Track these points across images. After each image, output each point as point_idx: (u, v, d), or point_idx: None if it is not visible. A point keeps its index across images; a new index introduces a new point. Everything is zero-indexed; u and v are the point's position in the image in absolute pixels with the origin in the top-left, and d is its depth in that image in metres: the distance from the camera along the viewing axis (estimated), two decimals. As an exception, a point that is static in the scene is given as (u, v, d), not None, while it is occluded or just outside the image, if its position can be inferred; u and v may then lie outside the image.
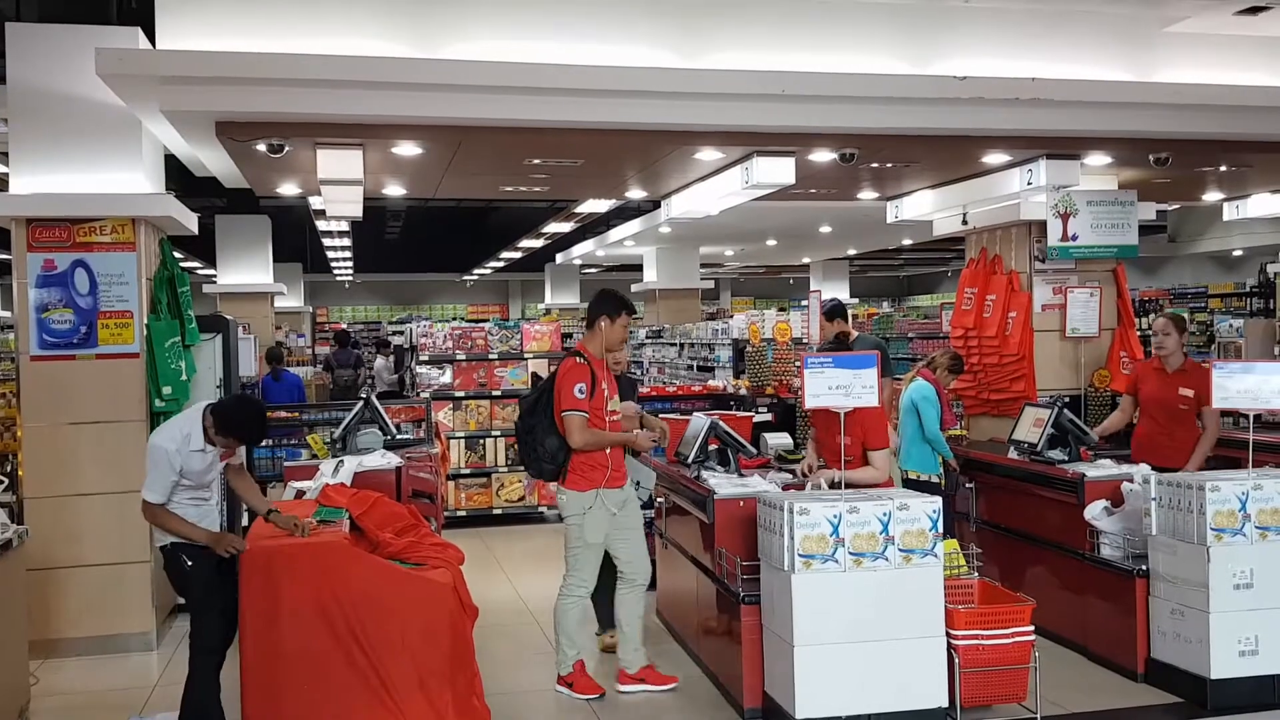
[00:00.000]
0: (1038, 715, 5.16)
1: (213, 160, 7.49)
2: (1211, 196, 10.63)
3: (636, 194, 9.71)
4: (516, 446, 5.97)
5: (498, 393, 10.95)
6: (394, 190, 8.93)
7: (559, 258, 20.82)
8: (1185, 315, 7.71)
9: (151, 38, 6.01)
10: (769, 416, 8.67)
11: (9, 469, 7.61)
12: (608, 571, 6.15)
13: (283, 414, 9.43)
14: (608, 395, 5.74)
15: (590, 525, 5.72)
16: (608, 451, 5.73)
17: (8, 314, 20.06)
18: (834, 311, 8.50)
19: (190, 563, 5.06)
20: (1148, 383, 7.05)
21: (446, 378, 10.94)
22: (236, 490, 5.53)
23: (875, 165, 7.98)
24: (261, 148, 6.32)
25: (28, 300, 6.69)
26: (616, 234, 15.82)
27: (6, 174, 7.21)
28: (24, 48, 6.67)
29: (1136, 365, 7.81)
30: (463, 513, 10.72)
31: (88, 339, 6.74)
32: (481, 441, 10.89)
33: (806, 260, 21.68)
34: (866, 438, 5.70)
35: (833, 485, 5.49)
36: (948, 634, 5.02)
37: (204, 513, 5.16)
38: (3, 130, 7.49)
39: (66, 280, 6.72)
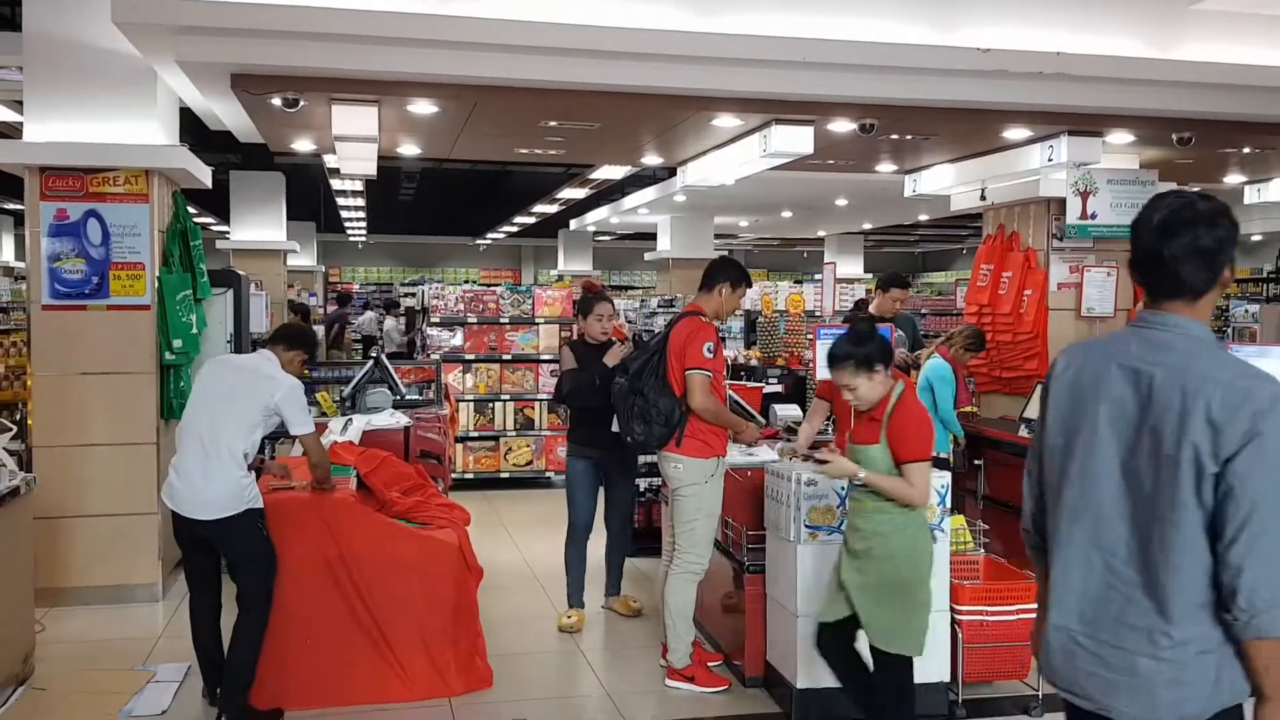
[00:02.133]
0: (1039, 693, 5.15)
1: (228, 114, 7.45)
2: (1233, 179, 10.52)
3: (652, 160, 9.64)
4: (617, 413, 5.65)
5: (508, 356, 10.95)
6: (409, 149, 8.88)
7: (573, 224, 20.73)
8: None
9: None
10: (779, 388, 8.62)
11: (18, 417, 7.63)
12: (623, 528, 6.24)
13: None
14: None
15: (710, 494, 5.39)
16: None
17: (21, 264, 20.09)
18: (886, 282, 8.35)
19: (261, 524, 4.90)
20: None
21: (457, 340, 10.93)
22: None
23: (895, 137, 7.90)
24: (277, 102, 6.28)
25: (40, 249, 6.69)
26: (631, 201, 15.74)
27: (21, 122, 7.18)
28: (40, -6, 6.63)
29: None
30: (470, 475, 10.73)
31: (99, 289, 6.74)
32: (491, 405, 10.89)
33: (821, 233, 21.56)
34: None
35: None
36: (952, 609, 5.02)
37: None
38: (18, 78, 7.45)
39: (79, 230, 6.70)
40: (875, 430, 4.24)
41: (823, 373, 5.33)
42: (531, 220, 22.31)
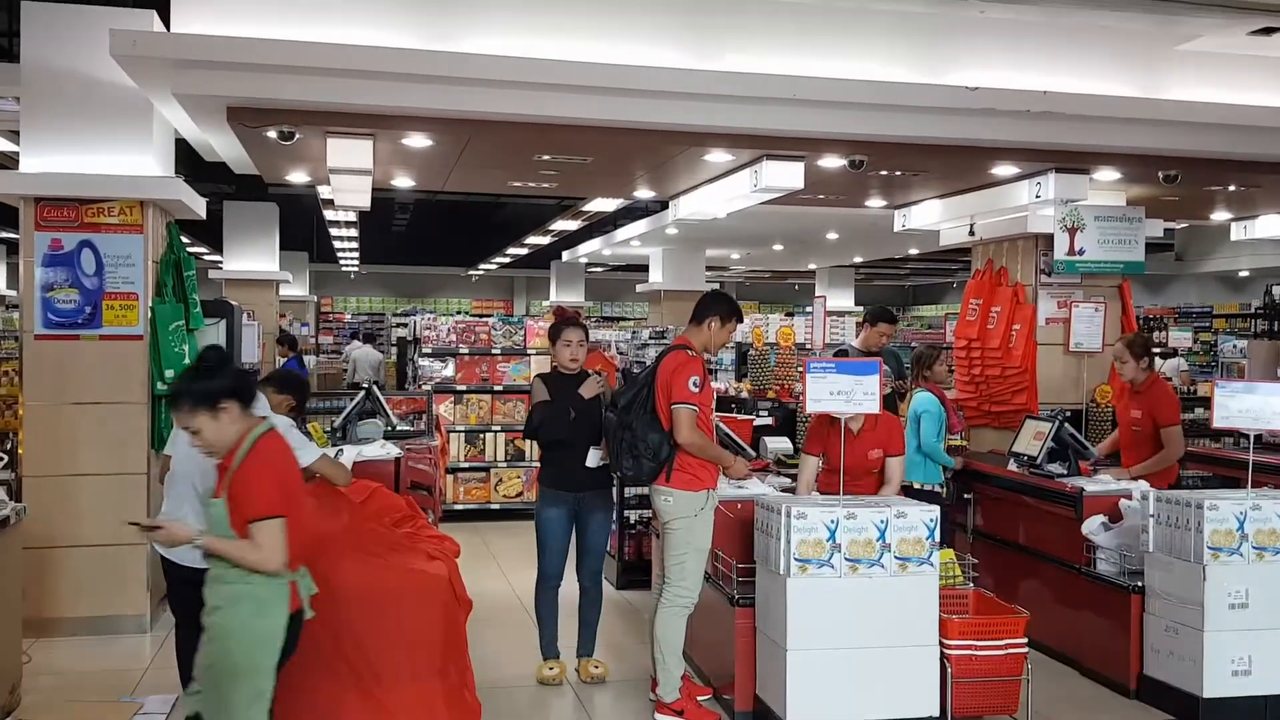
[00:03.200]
0: (1028, 728, 5.16)
1: (223, 146, 7.50)
2: (1220, 216, 10.63)
3: (645, 194, 9.71)
4: (606, 447, 5.71)
5: (499, 388, 10.96)
6: (403, 182, 8.94)
7: (565, 255, 20.81)
8: (1147, 337, 7.68)
9: (166, 21, 6.02)
10: (769, 420, 8.65)
11: (9, 447, 7.61)
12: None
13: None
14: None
15: (701, 528, 5.36)
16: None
17: (13, 293, 20.08)
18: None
19: None
20: (1119, 403, 7.38)
21: (449, 371, 10.95)
22: None
23: (884, 173, 7.98)
24: (272, 135, 6.33)
25: (33, 279, 6.70)
26: (623, 233, 15.82)
27: (17, 153, 7.22)
28: (39, 27, 6.69)
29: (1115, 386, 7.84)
30: (460, 507, 10.72)
31: (92, 319, 6.75)
32: (481, 436, 10.90)
33: (812, 266, 21.66)
34: (890, 443, 5.77)
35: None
36: (941, 643, 5.03)
37: None
38: (14, 109, 7.50)
39: (73, 260, 6.73)
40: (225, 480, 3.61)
41: (812, 405, 5.34)
42: (524, 251, 22.38)
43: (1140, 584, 5.76)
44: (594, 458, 5.87)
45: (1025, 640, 5.16)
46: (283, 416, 5.04)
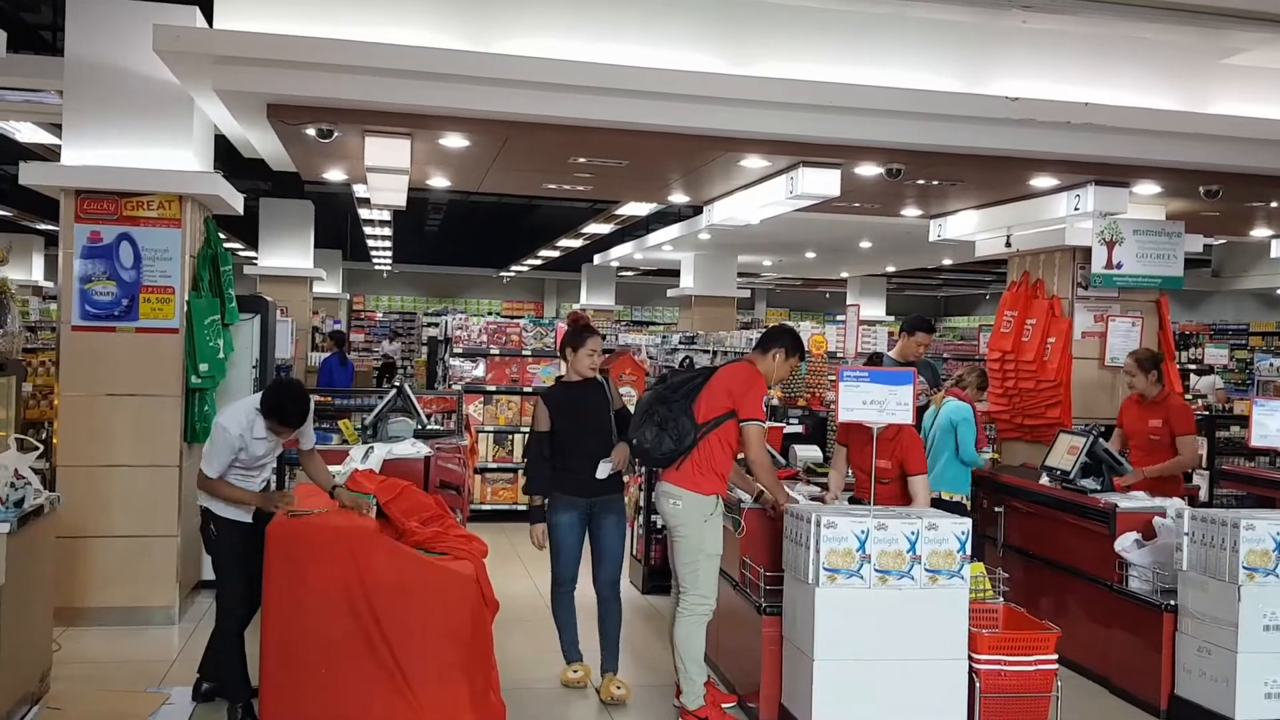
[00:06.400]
0: (1057, 745, 5.10)
1: (262, 142, 7.55)
2: (1260, 232, 10.51)
3: (679, 198, 9.70)
4: (620, 455, 5.81)
5: (529, 389, 10.97)
6: (439, 182, 8.96)
7: (596, 259, 20.84)
8: (1155, 352, 7.57)
9: (209, 17, 6.06)
10: (800, 428, 8.62)
11: (44, 436, 7.69)
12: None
13: (316, 398, 9.48)
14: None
15: (711, 533, 5.37)
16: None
17: (51, 284, 20.31)
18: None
19: (215, 531, 5.26)
20: (1128, 415, 7.43)
21: (479, 371, 10.98)
22: (306, 471, 5.58)
23: (921, 182, 7.93)
24: (311, 132, 6.36)
25: (72, 270, 6.77)
26: (655, 238, 15.82)
27: (59, 145, 7.30)
28: (82, 21, 6.76)
29: (1124, 401, 7.71)
30: (488, 507, 10.74)
31: (129, 312, 6.81)
32: (510, 437, 10.91)
33: (844, 275, 21.60)
34: (906, 461, 5.67)
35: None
36: (970, 657, 4.98)
37: (246, 487, 5.33)
38: (57, 102, 7.58)
39: (111, 253, 6.79)
40: None
41: (845, 415, 5.32)
42: (555, 254, 22.43)
43: (1173, 603, 5.69)
44: (604, 470, 5.83)
45: (1055, 657, 5.10)
46: (229, 423, 5.19)
